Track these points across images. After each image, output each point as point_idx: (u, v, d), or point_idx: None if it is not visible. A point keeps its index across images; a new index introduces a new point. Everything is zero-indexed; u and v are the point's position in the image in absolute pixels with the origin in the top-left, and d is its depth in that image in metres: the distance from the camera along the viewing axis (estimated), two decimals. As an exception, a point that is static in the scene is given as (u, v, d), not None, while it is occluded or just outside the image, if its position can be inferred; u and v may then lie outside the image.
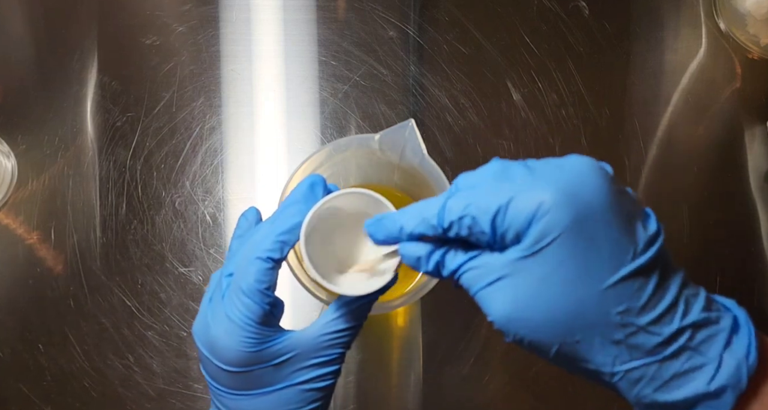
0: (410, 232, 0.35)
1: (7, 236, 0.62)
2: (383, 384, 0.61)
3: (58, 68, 0.66)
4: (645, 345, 0.32)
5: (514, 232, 0.32)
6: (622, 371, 0.32)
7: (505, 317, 0.33)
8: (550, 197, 0.31)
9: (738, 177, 0.65)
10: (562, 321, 0.32)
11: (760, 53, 0.67)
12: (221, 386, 0.41)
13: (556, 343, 0.32)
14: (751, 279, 0.63)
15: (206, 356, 0.40)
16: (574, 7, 0.69)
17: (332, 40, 0.67)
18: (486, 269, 0.33)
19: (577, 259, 0.31)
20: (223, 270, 0.41)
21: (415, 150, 0.47)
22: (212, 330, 0.39)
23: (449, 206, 0.34)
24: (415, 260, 0.36)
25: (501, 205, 0.32)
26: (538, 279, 0.32)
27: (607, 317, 0.31)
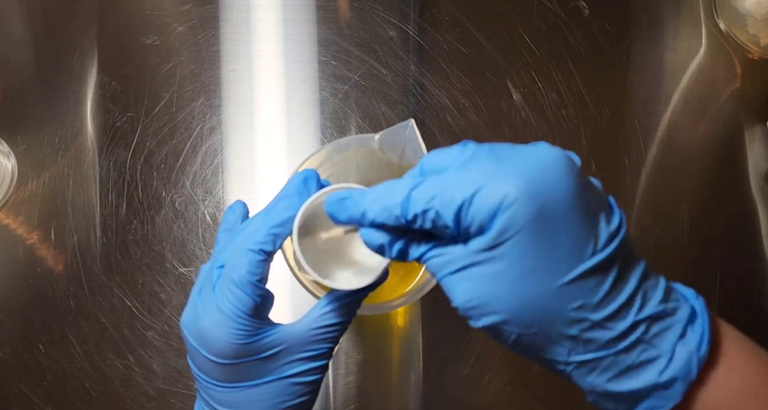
0: (372, 219, 0.35)
1: (7, 236, 0.63)
2: (383, 384, 0.61)
3: (58, 68, 0.66)
4: (599, 340, 0.32)
5: (478, 225, 0.32)
6: (575, 362, 0.33)
7: (466, 304, 0.33)
8: (514, 190, 0.31)
9: (738, 177, 0.65)
10: (519, 312, 0.32)
11: (760, 53, 0.67)
12: (209, 378, 0.40)
13: (514, 333, 0.33)
14: (751, 279, 0.63)
15: (195, 347, 0.40)
16: (574, 7, 0.69)
17: (332, 40, 0.67)
18: (449, 257, 0.33)
19: (535, 254, 0.32)
20: (213, 263, 0.41)
21: (416, 150, 0.47)
22: (202, 322, 0.39)
23: (414, 197, 0.33)
24: (377, 246, 0.36)
25: (465, 198, 0.32)
26: (497, 271, 0.32)
27: (562, 312, 0.32)
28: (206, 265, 0.42)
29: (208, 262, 0.42)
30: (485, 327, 0.33)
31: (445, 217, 0.33)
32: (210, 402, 0.41)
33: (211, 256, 0.42)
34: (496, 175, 0.32)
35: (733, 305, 0.63)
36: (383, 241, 0.36)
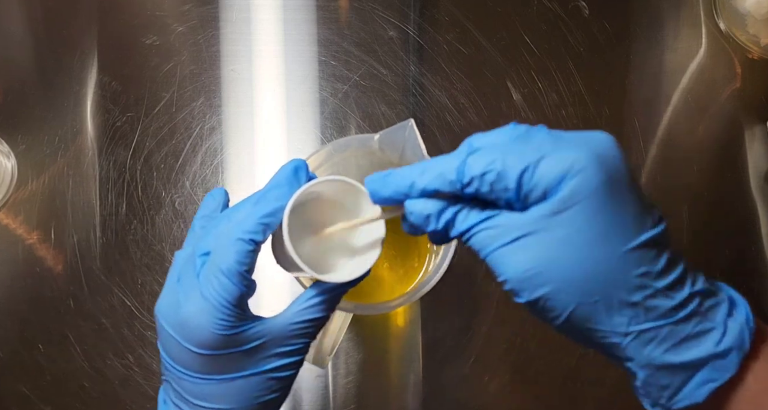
0: (423, 188, 0.35)
1: (6, 236, 0.62)
2: (383, 384, 0.61)
3: (58, 68, 0.66)
4: (660, 308, 0.32)
5: (542, 190, 0.32)
6: (636, 331, 0.33)
7: (523, 275, 0.33)
8: (583, 157, 0.32)
9: (738, 177, 0.65)
10: (584, 279, 0.32)
11: (760, 53, 0.67)
12: (184, 369, 0.39)
13: (573, 303, 0.33)
14: (751, 279, 0.63)
15: (172, 336, 0.38)
16: (574, 7, 0.69)
17: (332, 40, 0.67)
18: (503, 229, 0.33)
19: (604, 219, 0.32)
20: (194, 250, 0.39)
21: (415, 150, 0.47)
22: (183, 310, 0.38)
23: (471, 161, 0.33)
24: (423, 218, 0.35)
25: (530, 162, 0.32)
26: (564, 236, 0.32)
27: (627, 278, 0.32)
28: (182, 252, 0.41)
29: (184, 250, 0.41)
30: (540, 298, 0.33)
31: (508, 179, 0.32)
32: (182, 394, 0.40)
33: (186, 242, 0.41)
34: (559, 146, 0.32)
35: (733, 305, 0.63)
36: (430, 212, 0.35)
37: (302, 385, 0.60)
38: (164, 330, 0.39)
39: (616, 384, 0.60)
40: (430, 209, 0.35)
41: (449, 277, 0.47)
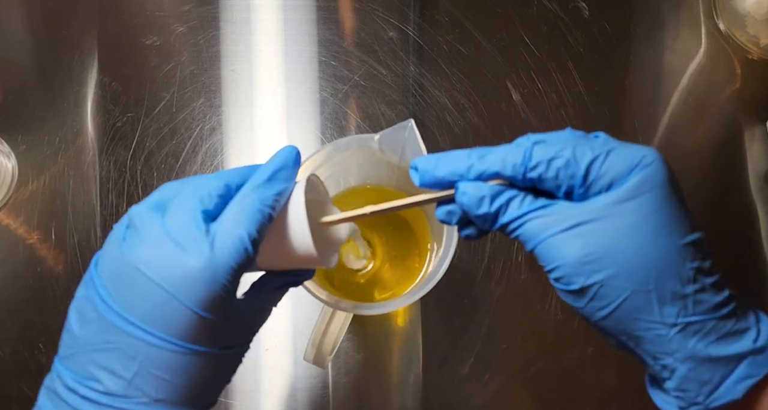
0: (483, 170, 0.35)
1: (7, 236, 0.63)
2: (383, 384, 0.61)
3: (58, 68, 0.66)
4: (707, 302, 0.34)
5: (609, 179, 0.33)
6: (683, 323, 0.34)
7: (579, 261, 0.33)
8: (652, 153, 0.34)
9: (738, 177, 0.65)
10: (643, 267, 0.33)
11: (759, 54, 0.67)
12: (167, 335, 0.33)
13: (628, 290, 0.33)
14: (751, 279, 0.63)
15: (167, 291, 0.32)
16: (574, 7, 0.69)
17: (332, 41, 0.67)
18: (560, 216, 0.34)
19: (667, 212, 0.33)
20: (200, 191, 0.35)
21: (415, 150, 0.47)
22: (189, 264, 0.32)
23: (538, 149, 0.34)
24: (477, 200, 0.35)
25: (600, 153, 0.34)
26: (629, 224, 0.33)
27: (682, 270, 0.33)
28: (172, 186, 0.36)
29: (175, 184, 0.36)
30: (593, 284, 0.33)
31: (576, 167, 0.34)
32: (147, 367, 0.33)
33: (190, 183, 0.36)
34: (623, 145, 0.34)
35: (732, 305, 0.63)
36: (485, 193, 0.35)
37: (302, 385, 0.60)
38: (147, 283, 0.33)
39: (614, 385, 0.60)
40: (485, 191, 0.35)
41: (449, 277, 0.47)
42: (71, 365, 0.34)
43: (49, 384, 0.35)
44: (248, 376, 0.60)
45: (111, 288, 0.33)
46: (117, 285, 0.33)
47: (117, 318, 0.33)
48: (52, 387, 0.34)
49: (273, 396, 0.60)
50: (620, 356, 0.60)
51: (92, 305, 0.34)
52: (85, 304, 0.34)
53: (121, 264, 0.33)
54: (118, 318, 0.33)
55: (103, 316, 0.33)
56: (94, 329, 0.33)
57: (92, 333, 0.33)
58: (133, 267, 0.33)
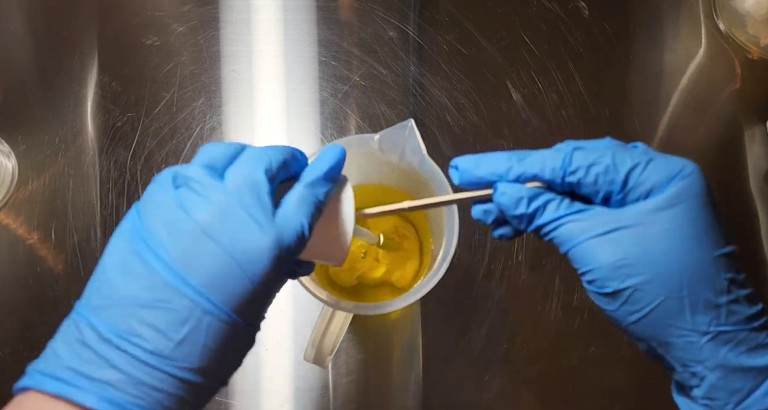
0: (522, 172, 0.36)
1: (7, 236, 0.63)
2: (383, 384, 0.61)
3: (58, 68, 0.66)
4: (741, 313, 0.34)
5: (648, 187, 0.34)
6: (716, 332, 0.34)
7: (614, 265, 0.34)
8: (691, 164, 0.35)
9: (738, 177, 0.65)
10: (678, 274, 0.34)
11: (759, 53, 0.67)
12: (225, 305, 0.32)
13: (662, 296, 0.34)
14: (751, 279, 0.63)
15: (237, 262, 0.32)
16: (574, 7, 0.69)
17: (332, 41, 0.67)
18: (597, 220, 0.35)
19: (702, 223, 0.34)
20: (278, 167, 0.35)
21: (415, 150, 0.47)
22: (264, 238, 0.33)
23: (578, 154, 0.35)
24: (515, 200, 0.36)
25: (640, 161, 0.35)
26: (665, 231, 0.34)
27: (717, 280, 0.34)
28: (218, 148, 0.35)
29: (221, 147, 0.36)
30: (626, 289, 0.34)
31: (616, 173, 0.34)
32: (196, 333, 0.32)
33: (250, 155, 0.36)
34: (662, 155, 0.35)
35: (733, 305, 0.63)
36: (523, 194, 0.36)
37: (302, 385, 0.60)
38: (215, 250, 0.32)
39: (615, 385, 0.60)
40: (524, 192, 0.36)
41: (449, 277, 0.47)
42: (107, 317, 0.32)
43: (71, 333, 0.33)
44: (248, 376, 0.60)
45: (169, 247, 0.32)
46: (175, 245, 0.32)
47: (176, 278, 0.32)
48: (78, 336, 0.32)
49: (273, 396, 0.60)
50: (622, 356, 0.60)
51: (141, 259, 0.32)
52: (131, 257, 0.33)
53: (182, 226, 0.32)
54: (177, 279, 0.32)
55: (156, 273, 0.32)
56: (142, 284, 0.32)
57: (140, 288, 0.32)
58: (198, 230, 0.32)
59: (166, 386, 0.32)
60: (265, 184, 0.34)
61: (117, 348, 0.31)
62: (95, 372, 0.31)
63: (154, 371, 0.31)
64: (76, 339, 0.32)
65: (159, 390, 0.31)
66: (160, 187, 0.34)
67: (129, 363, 0.31)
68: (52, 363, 0.32)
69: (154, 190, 0.34)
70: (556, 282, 0.62)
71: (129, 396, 0.31)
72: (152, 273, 0.32)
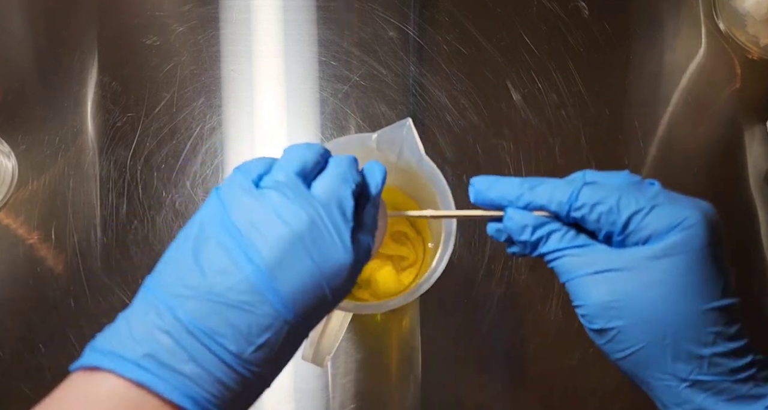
0: (530, 201, 0.37)
1: (7, 236, 0.63)
2: (383, 384, 0.61)
3: (58, 68, 0.66)
4: (723, 366, 0.35)
5: (647, 234, 0.35)
6: (694, 380, 0.35)
7: (603, 305, 0.35)
8: (695, 216, 0.35)
9: (738, 177, 0.65)
10: (661, 324, 0.34)
11: (759, 53, 0.67)
12: (302, 317, 0.33)
13: (643, 341, 0.35)
14: (751, 279, 0.63)
15: (325, 275, 0.33)
16: (574, 7, 0.69)
17: (332, 41, 0.67)
18: (593, 259, 0.36)
19: (696, 276, 0.34)
20: (349, 188, 0.36)
21: (412, 149, 0.47)
22: (346, 256, 0.34)
23: (587, 190, 0.36)
24: (520, 227, 0.37)
25: (644, 206, 0.35)
26: (655, 281, 0.34)
27: (702, 333, 0.34)
28: (305, 151, 0.37)
29: (310, 151, 0.37)
30: (611, 329, 0.35)
31: (619, 215, 0.35)
32: (274, 340, 0.32)
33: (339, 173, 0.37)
34: (672, 201, 0.36)
35: (733, 305, 0.62)
36: (529, 222, 0.37)
37: (302, 385, 0.60)
38: (306, 262, 0.33)
39: (615, 385, 0.60)
40: (529, 221, 0.37)
41: (449, 277, 0.47)
42: (192, 309, 0.32)
43: (150, 317, 0.32)
44: (248, 376, 0.60)
45: (262, 250, 0.32)
46: (270, 251, 0.32)
47: (266, 285, 0.32)
48: (159, 323, 0.32)
49: (273, 396, 0.60)
50: (620, 356, 0.60)
51: (229, 255, 0.32)
52: (217, 250, 0.33)
53: (276, 231, 0.33)
54: (267, 286, 0.32)
55: (246, 275, 0.32)
56: (229, 283, 0.32)
57: (227, 286, 0.32)
58: (293, 238, 0.33)
59: (237, 386, 0.32)
60: (350, 201, 0.35)
61: (201, 344, 0.31)
62: (177, 364, 0.31)
63: (231, 372, 0.32)
64: (157, 326, 0.32)
65: (231, 391, 0.32)
66: (245, 180, 0.35)
67: (211, 360, 0.31)
68: (129, 345, 0.31)
69: (237, 181, 0.35)
70: (556, 283, 0.62)
71: (206, 393, 0.31)
72: (241, 274, 0.32)
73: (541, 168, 0.64)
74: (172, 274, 0.33)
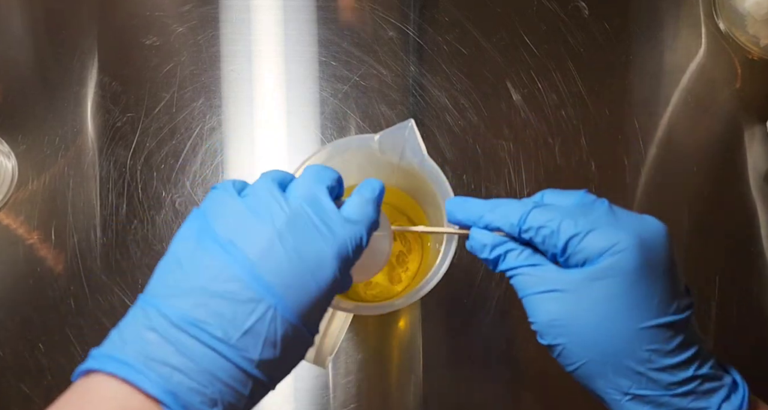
0: (488, 222, 0.40)
1: (7, 236, 0.63)
2: (383, 384, 0.61)
3: (58, 68, 0.66)
4: (662, 381, 0.36)
5: (583, 257, 0.37)
6: (634, 394, 0.37)
7: (549, 324, 0.37)
8: (627, 240, 0.36)
9: (738, 177, 0.65)
10: (600, 342, 0.36)
11: (759, 53, 0.67)
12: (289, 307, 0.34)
13: (585, 358, 0.37)
14: (751, 279, 0.63)
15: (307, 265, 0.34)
16: (574, 7, 0.69)
17: (332, 41, 0.67)
18: (542, 278, 0.38)
19: (630, 297, 0.36)
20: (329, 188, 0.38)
21: (415, 150, 0.47)
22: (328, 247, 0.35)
23: (534, 214, 0.38)
24: (481, 246, 0.40)
25: (581, 231, 0.37)
26: (591, 302, 0.36)
27: (637, 351, 0.36)
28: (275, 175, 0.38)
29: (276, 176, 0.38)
30: (557, 345, 0.37)
31: (558, 239, 0.37)
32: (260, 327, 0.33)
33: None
34: (612, 224, 0.37)
35: (732, 305, 0.63)
36: (488, 242, 0.40)
37: (302, 385, 0.60)
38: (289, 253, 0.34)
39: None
40: (488, 240, 0.40)
41: (449, 277, 0.47)
42: (177, 304, 0.33)
43: (139, 320, 0.33)
44: (248, 376, 0.60)
45: (245, 248, 0.34)
46: (252, 246, 0.34)
47: (248, 274, 0.34)
48: (146, 322, 0.33)
49: (273, 396, 0.60)
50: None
51: (212, 256, 0.34)
52: (200, 253, 0.34)
53: (258, 229, 0.35)
54: (249, 275, 0.34)
55: (228, 266, 0.34)
56: (212, 275, 0.34)
57: (210, 279, 0.33)
58: (274, 234, 0.34)
59: (227, 376, 0.33)
60: (326, 196, 0.37)
61: (187, 334, 0.33)
62: (165, 357, 0.32)
63: (220, 358, 0.33)
64: (144, 326, 0.33)
65: (219, 380, 0.33)
66: (226, 193, 0.37)
67: (197, 349, 0.33)
68: (119, 346, 0.33)
69: (218, 196, 0.37)
70: (556, 282, 0.62)
71: (193, 383, 0.32)
72: (223, 265, 0.34)
73: (541, 168, 0.64)
74: (159, 281, 0.35)
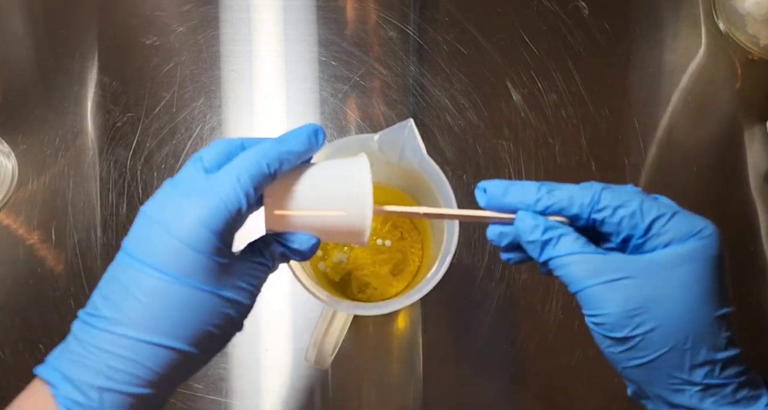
0: (549, 205, 0.37)
1: (7, 236, 0.63)
2: (383, 384, 0.61)
3: (58, 68, 0.66)
4: (732, 370, 0.36)
5: (668, 239, 0.36)
6: (707, 384, 0.36)
7: (626, 313, 0.35)
8: (712, 228, 0.36)
9: (738, 177, 0.65)
10: (685, 328, 0.35)
11: (759, 53, 0.67)
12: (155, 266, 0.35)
13: (668, 346, 0.35)
14: (751, 279, 0.63)
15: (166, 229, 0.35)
16: (573, 7, 0.69)
17: (332, 41, 0.67)
18: (609, 265, 0.36)
19: (710, 283, 0.36)
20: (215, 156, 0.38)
21: (415, 150, 0.47)
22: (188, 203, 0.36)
23: (606, 194, 0.37)
24: (531, 227, 0.37)
25: (665, 212, 0.36)
26: (677, 287, 0.35)
27: (718, 338, 0.36)
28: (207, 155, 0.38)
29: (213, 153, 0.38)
30: (635, 336, 0.36)
31: (642, 219, 0.36)
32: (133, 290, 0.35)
33: None
34: (687, 212, 0.37)
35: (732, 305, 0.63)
36: (539, 223, 0.37)
37: (302, 385, 0.60)
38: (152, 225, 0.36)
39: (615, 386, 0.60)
40: (542, 222, 0.37)
41: (449, 277, 0.47)
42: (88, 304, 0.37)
43: None
44: (248, 376, 0.60)
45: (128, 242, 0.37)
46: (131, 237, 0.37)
47: (127, 256, 0.36)
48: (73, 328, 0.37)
49: (273, 396, 0.60)
50: (620, 356, 0.60)
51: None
52: None
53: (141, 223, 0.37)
54: (127, 256, 0.36)
55: (116, 261, 0.37)
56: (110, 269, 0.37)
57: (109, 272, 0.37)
58: (148, 220, 0.36)
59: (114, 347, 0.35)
60: (197, 165, 0.37)
61: (83, 322, 0.37)
62: (68, 345, 0.36)
63: (102, 333, 0.35)
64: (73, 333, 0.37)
65: (108, 353, 0.35)
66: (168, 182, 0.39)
67: (88, 332, 0.36)
68: None
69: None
70: (556, 282, 0.62)
71: (90, 368, 0.35)
72: (115, 262, 0.37)
73: (541, 168, 0.64)
74: None
